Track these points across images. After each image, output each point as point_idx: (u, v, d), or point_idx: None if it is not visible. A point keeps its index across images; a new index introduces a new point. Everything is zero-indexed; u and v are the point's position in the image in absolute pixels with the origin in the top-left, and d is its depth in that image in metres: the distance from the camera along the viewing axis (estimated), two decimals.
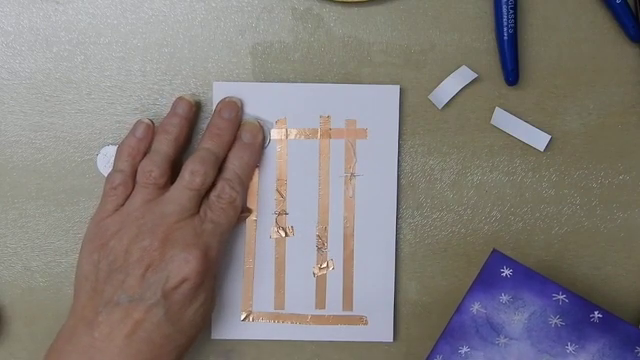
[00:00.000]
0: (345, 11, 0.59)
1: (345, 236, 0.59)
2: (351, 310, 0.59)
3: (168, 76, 0.59)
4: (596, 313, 0.54)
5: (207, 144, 0.56)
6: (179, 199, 0.54)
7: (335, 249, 0.59)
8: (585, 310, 0.54)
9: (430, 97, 0.59)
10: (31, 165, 0.59)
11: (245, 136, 0.57)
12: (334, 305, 0.59)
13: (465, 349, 0.55)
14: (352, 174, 0.59)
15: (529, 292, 0.54)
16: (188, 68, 0.59)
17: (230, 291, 0.59)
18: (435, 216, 0.60)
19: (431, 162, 0.60)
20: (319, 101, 0.59)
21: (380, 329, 0.60)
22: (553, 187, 0.60)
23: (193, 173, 0.54)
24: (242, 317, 0.59)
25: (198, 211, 0.55)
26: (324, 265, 0.59)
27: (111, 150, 0.59)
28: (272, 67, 0.59)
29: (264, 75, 0.59)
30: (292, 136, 0.59)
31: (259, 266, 0.59)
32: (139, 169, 0.55)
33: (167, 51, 0.59)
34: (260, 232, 0.59)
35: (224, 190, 0.55)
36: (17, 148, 0.59)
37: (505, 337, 0.55)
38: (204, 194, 0.56)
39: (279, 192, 0.59)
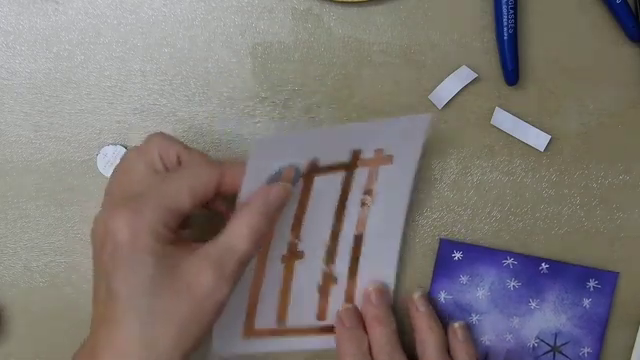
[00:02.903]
0: (345, 11, 0.59)
1: (352, 254, 0.58)
2: None
3: (168, 76, 0.59)
4: (543, 265, 0.59)
5: None
6: None
7: (341, 266, 0.58)
8: (533, 265, 0.59)
9: (430, 97, 0.59)
10: (31, 165, 0.59)
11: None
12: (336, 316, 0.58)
13: None
14: (369, 197, 0.57)
15: (482, 265, 0.59)
16: (188, 68, 0.59)
17: (233, 307, 0.56)
18: (435, 216, 0.60)
19: (431, 162, 0.60)
20: (351, 140, 0.54)
21: None
22: (553, 187, 0.60)
23: None
24: (244, 333, 0.57)
25: None
26: (329, 281, 0.58)
27: (111, 150, 0.59)
28: (272, 67, 0.59)
29: (264, 75, 0.59)
30: (321, 173, 0.54)
31: (265, 283, 0.56)
32: None
33: (167, 51, 0.59)
34: (271, 256, 0.56)
35: None
36: (17, 148, 0.59)
37: (476, 314, 0.59)
38: None
39: (297, 220, 0.55)
